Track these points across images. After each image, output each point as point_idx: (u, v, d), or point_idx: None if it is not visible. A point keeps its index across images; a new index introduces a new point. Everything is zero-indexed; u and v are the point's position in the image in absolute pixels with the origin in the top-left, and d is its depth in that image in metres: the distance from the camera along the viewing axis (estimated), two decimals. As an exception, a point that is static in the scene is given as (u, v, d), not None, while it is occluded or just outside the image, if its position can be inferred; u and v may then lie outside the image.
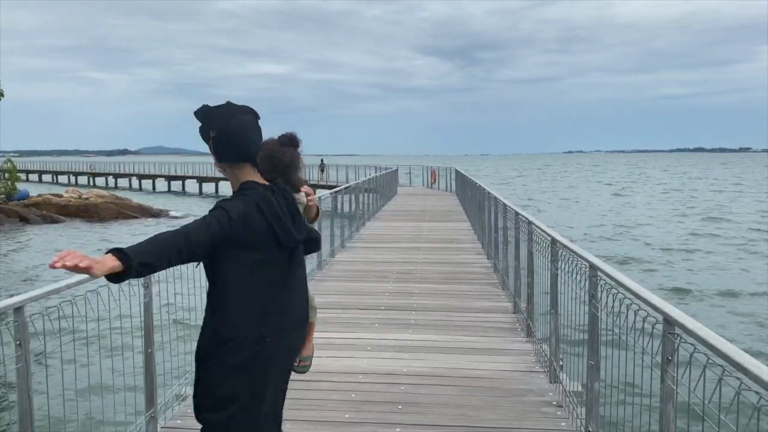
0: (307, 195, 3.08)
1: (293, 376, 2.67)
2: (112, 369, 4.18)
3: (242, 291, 2.32)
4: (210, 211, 2.30)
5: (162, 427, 4.08)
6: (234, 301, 2.32)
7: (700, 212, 32.69)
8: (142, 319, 3.90)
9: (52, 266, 1.86)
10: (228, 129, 2.38)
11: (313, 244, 2.71)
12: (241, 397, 2.33)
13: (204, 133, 2.45)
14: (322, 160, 44.56)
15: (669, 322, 2.51)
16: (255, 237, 2.31)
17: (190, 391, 4.64)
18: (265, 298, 2.36)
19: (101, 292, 3.33)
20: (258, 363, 2.33)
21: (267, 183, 2.45)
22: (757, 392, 1.83)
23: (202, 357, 2.37)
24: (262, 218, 2.33)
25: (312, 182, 41.73)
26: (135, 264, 2.00)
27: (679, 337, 2.46)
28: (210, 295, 2.38)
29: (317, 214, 3.21)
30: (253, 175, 2.43)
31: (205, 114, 2.44)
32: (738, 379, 1.93)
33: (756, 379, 1.81)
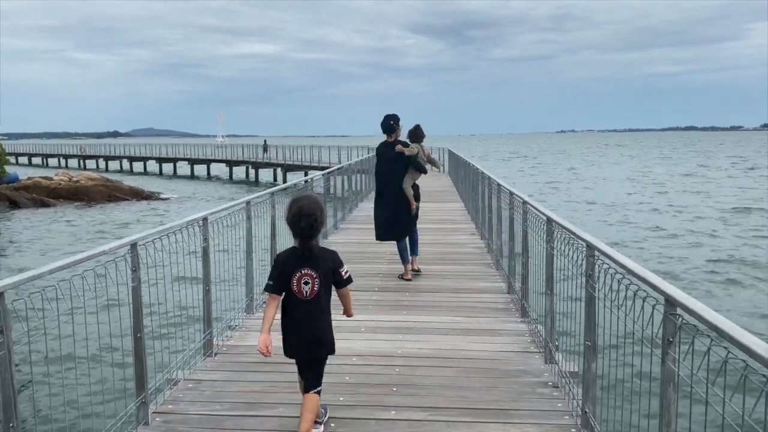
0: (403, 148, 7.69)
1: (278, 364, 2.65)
2: (99, 356, 4.10)
3: None
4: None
5: (153, 412, 4.01)
6: None
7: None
8: (131, 303, 3.82)
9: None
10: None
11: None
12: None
13: (396, 122, 7.71)
14: (265, 141, 50.91)
15: (670, 302, 2.44)
16: None
17: (181, 375, 4.58)
18: None
19: (87, 276, 3.24)
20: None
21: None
22: (764, 375, 1.77)
23: None
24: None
25: (258, 161, 46.25)
26: None
27: (680, 318, 2.39)
28: None
29: (417, 153, 7.77)
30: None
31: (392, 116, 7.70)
32: (743, 361, 1.87)
33: (763, 361, 1.74)
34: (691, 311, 2.25)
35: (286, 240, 8.39)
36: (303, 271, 3.61)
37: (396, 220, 7.74)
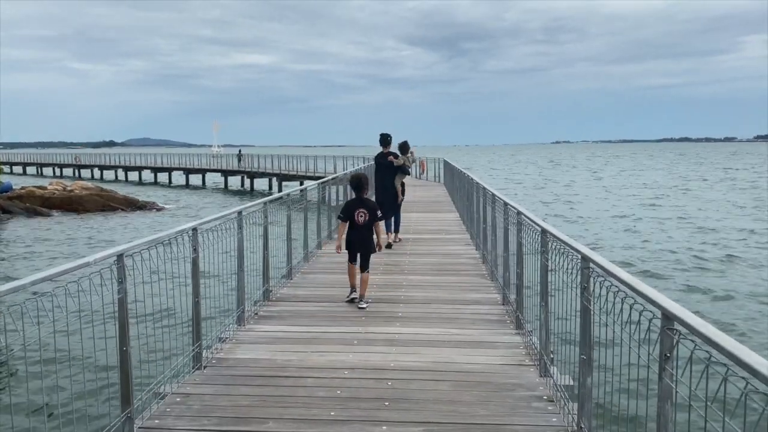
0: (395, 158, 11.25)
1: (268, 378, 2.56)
2: (83, 370, 4.00)
3: None
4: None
5: (139, 428, 3.91)
6: None
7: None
8: (116, 315, 3.73)
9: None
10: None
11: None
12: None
13: (390, 138, 11.37)
14: (239, 150, 54.93)
15: (668, 317, 2.37)
16: None
17: (169, 389, 4.49)
18: None
19: (70, 288, 3.15)
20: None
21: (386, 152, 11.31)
22: (765, 393, 1.70)
23: None
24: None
25: (233, 168, 49.50)
26: None
27: (678, 333, 2.33)
28: None
29: (403, 163, 11.31)
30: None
31: (387, 134, 11.38)
32: (744, 379, 1.80)
33: (765, 380, 1.67)
34: (688, 326, 2.18)
35: (281, 247, 8.34)
36: (359, 210, 7.05)
37: (388, 206, 11.05)
